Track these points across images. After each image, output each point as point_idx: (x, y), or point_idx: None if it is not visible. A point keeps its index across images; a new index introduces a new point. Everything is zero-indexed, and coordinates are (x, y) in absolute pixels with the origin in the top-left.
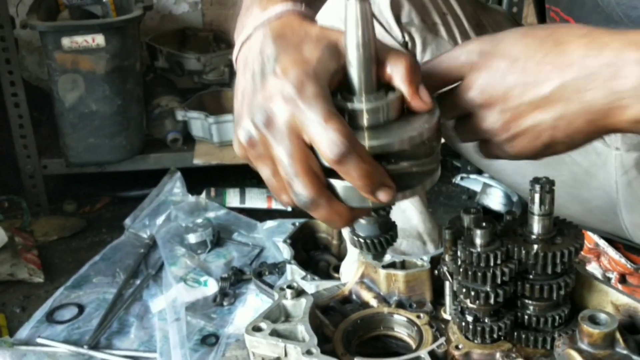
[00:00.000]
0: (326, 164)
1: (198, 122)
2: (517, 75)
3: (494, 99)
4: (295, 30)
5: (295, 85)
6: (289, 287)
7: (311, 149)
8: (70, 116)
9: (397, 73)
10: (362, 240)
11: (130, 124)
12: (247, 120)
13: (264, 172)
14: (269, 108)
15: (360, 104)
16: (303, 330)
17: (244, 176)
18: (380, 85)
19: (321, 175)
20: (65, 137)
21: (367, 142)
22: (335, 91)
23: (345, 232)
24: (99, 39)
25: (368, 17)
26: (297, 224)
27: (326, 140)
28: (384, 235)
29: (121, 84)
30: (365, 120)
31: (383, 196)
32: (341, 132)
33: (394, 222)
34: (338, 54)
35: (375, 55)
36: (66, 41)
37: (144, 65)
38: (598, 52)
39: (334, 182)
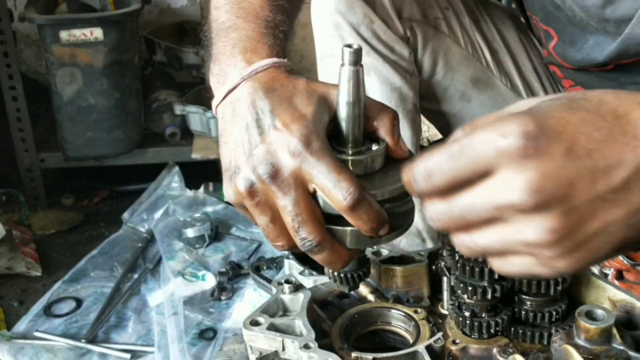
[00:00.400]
0: (331, 211)
1: (196, 117)
2: (583, 163)
3: (552, 197)
4: (284, 84)
5: (301, 140)
6: (287, 281)
7: (312, 197)
8: (68, 110)
9: (382, 127)
10: (338, 274)
11: (129, 118)
12: (247, 171)
13: (262, 219)
14: (275, 161)
15: (348, 156)
16: (301, 324)
17: None
18: (366, 136)
19: (323, 221)
20: (63, 130)
21: None
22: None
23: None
24: (97, 33)
25: (360, 80)
26: None
27: (339, 190)
28: (360, 270)
29: (119, 77)
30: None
31: (383, 232)
32: (353, 182)
33: (368, 257)
34: (329, 107)
35: (364, 112)
36: (64, 34)
37: (142, 59)
38: None
39: (332, 227)
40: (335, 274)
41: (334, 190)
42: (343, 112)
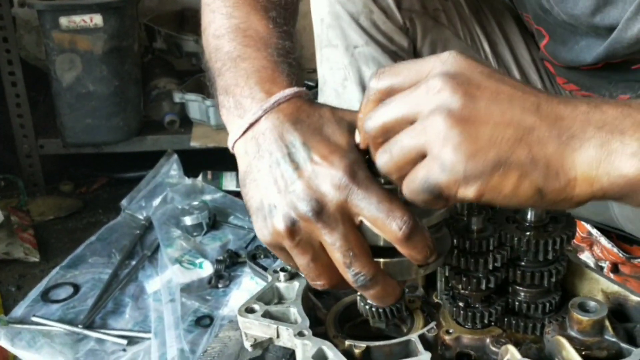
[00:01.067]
0: (378, 243)
1: (196, 105)
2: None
3: (463, 80)
4: (309, 114)
5: (345, 172)
6: (283, 269)
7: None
8: (68, 96)
9: None
10: (377, 310)
11: (128, 105)
12: (286, 209)
13: (302, 259)
14: (319, 196)
15: (383, 185)
16: (295, 312)
17: None
18: None
19: (371, 255)
20: (63, 117)
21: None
22: None
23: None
24: (97, 19)
25: None
26: None
27: (393, 220)
28: (395, 304)
29: (119, 64)
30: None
31: (432, 259)
32: (406, 211)
33: (404, 289)
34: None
35: None
36: (64, 20)
37: (142, 47)
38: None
39: (384, 260)
40: (374, 309)
41: (388, 221)
42: None
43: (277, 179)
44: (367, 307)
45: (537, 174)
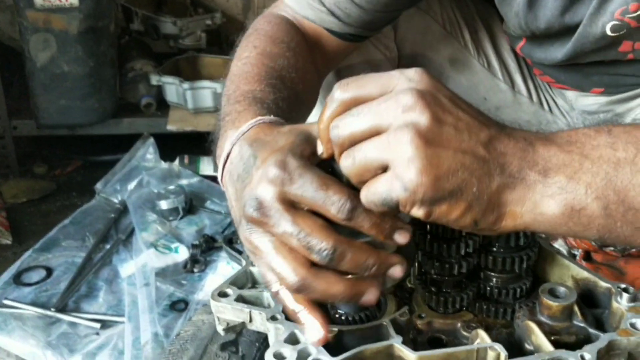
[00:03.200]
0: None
1: (173, 88)
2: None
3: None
4: (268, 133)
5: (276, 165)
6: None
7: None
8: (42, 76)
9: None
10: (343, 317)
11: (103, 86)
12: (238, 218)
13: (266, 246)
14: (259, 194)
15: None
16: (268, 297)
17: None
18: None
19: (332, 228)
20: (36, 97)
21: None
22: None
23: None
24: None
25: None
26: None
27: (330, 203)
28: (364, 311)
29: (94, 45)
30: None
31: (401, 238)
32: (343, 192)
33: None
34: (311, 140)
35: None
36: None
37: (119, 28)
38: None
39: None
40: (337, 316)
41: (327, 206)
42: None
43: (236, 192)
44: (334, 313)
45: (478, 209)
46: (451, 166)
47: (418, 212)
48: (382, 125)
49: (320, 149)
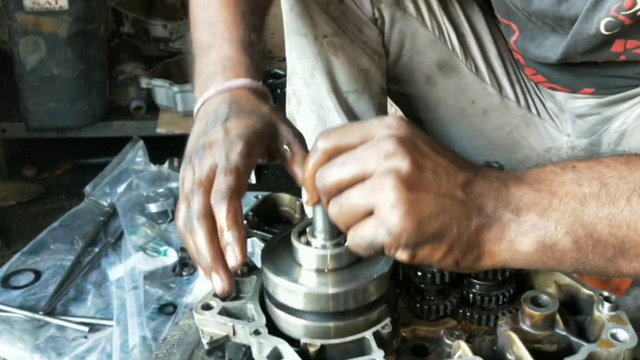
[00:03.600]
0: None
1: (162, 91)
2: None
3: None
4: (249, 101)
5: (226, 144)
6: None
7: None
8: (31, 79)
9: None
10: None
11: (93, 89)
12: (188, 154)
13: (187, 181)
14: (201, 152)
15: (326, 250)
16: (252, 309)
17: None
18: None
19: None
20: (26, 100)
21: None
22: (303, 231)
23: (308, 209)
24: (62, 1)
25: None
26: (259, 197)
27: (216, 184)
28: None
29: (84, 48)
30: (329, 264)
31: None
32: (225, 182)
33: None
34: (276, 130)
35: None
36: (28, 2)
37: (109, 31)
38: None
39: None
40: None
41: (218, 183)
42: (316, 210)
43: (197, 131)
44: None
45: (459, 250)
46: (432, 210)
47: (402, 255)
48: (365, 172)
49: (305, 197)
